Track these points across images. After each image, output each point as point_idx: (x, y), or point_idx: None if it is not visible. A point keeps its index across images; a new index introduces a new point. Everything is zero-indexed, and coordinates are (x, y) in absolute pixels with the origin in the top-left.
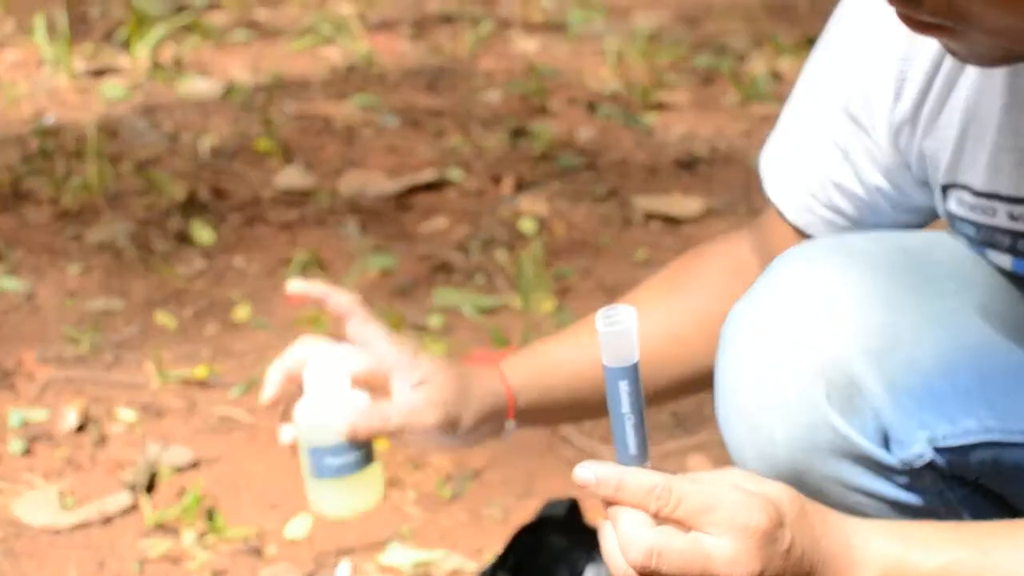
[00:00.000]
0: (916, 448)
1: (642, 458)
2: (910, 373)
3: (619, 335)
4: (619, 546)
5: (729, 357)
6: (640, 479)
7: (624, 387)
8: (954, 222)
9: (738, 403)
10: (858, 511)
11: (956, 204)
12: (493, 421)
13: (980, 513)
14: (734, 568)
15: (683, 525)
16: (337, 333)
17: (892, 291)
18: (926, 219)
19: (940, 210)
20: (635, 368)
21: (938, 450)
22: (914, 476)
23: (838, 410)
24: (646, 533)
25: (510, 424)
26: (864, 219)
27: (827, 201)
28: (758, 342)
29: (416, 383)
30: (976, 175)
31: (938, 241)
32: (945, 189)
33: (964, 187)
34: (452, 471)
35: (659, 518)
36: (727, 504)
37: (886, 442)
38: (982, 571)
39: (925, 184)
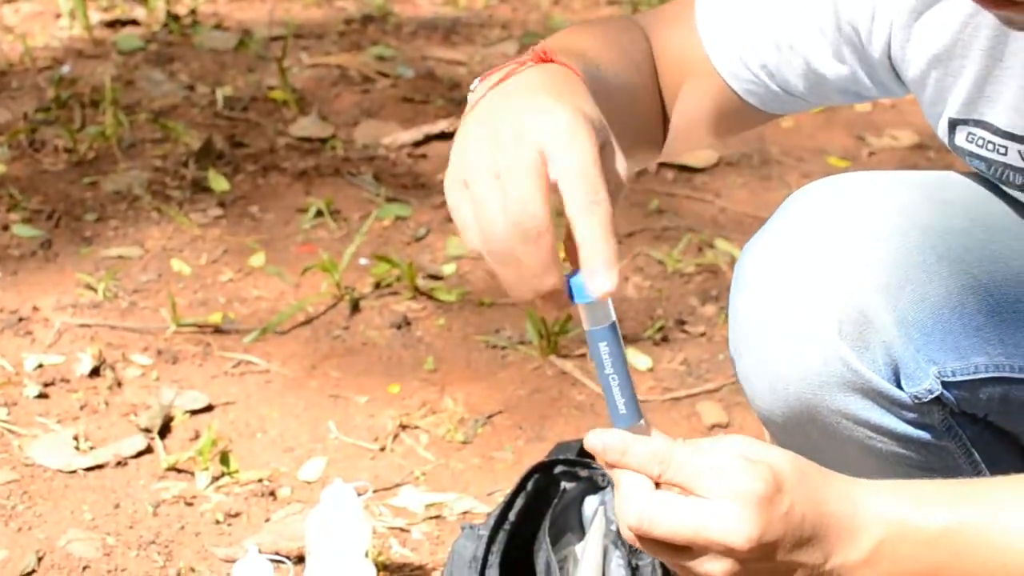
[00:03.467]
0: (926, 383)
1: (633, 416)
2: (921, 308)
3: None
4: (616, 510)
5: (742, 292)
6: (643, 446)
7: (604, 348)
8: (963, 155)
9: (751, 337)
10: (867, 447)
11: (967, 139)
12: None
13: (988, 450)
14: (729, 535)
15: (683, 490)
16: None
17: (904, 227)
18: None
19: (945, 140)
20: (614, 327)
21: (947, 385)
22: (923, 411)
23: (849, 344)
24: (640, 496)
25: None
26: (801, 90)
27: (769, 62)
28: (771, 277)
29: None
30: (999, 114)
31: (950, 179)
32: (955, 124)
33: (982, 124)
34: (464, 415)
35: (661, 484)
36: (725, 470)
37: (896, 377)
38: (988, 530)
39: (908, 90)
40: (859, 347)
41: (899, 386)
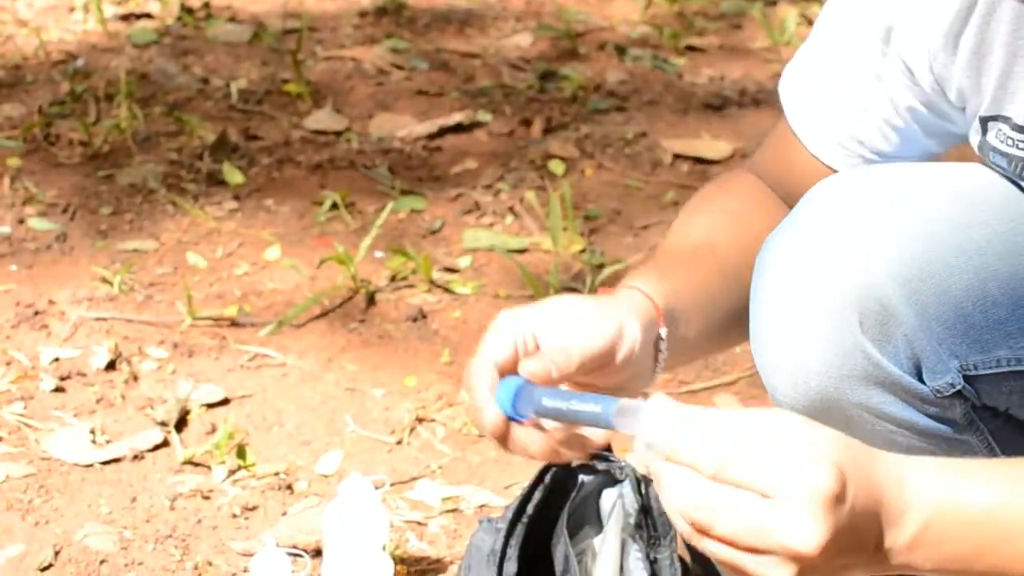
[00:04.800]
0: (948, 377)
1: (608, 402)
2: (943, 302)
3: None
4: (674, 505)
5: (764, 285)
6: (695, 430)
7: (547, 402)
8: (988, 154)
9: (772, 330)
10: (888, 440)
11: (995, 136)
12: (649, 331)
13: (1010, 444)
14: (800, 540)
15: (744, 486)
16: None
17: (926, 221)
18: (950, 145)
19: (974, 141)
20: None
21: (969, 379)
22: (944, 405)
23: (870, 338)
24: (697, 488)
25: (663, 331)
26: (890, 149)
27: (853, 131)
28: (793, 270)
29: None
30: (1018, 109)
31: (972, 172)
32: (985, 121)
33: (1006, 119)
34: None
35: (718, 476)
36: (791, 465)
37: (918, 371)
38: None
39: (963, 111)
40: (880, 341)
41: (921, 380)
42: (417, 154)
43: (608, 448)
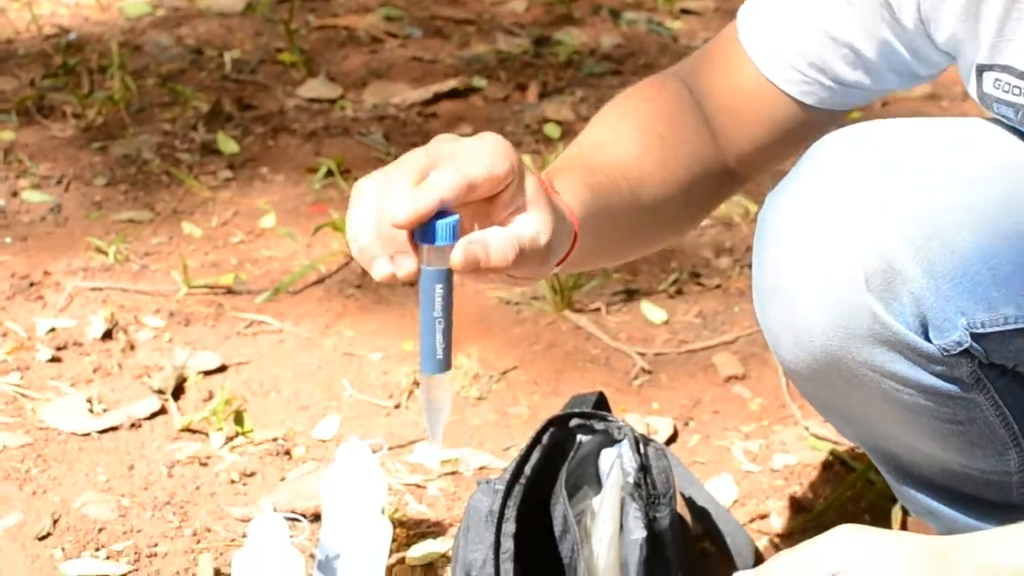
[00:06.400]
0: (954, 335)
1: (446, 364)
2: (950, 259)
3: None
4: None
5: (767, 243)
6: None
7: (439, 289)
8: (992, 105)
9: (776, 289)
10: (893, 398)
11: (993, 85)
12: (564, 247)
13: (1017, 402)
14: None
15: None
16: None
17: (932, 177)
18: (910, 86)
19: (972, 91)
20: (450, 273)
21: (976, 337)
22: (951, 364)
23: (877, 296)
24: None
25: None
26: (852, 79)
27: (815, 56)
28: (797, 228)
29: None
30: (1019, 56)
31: (977, 127)
32: (982, 70)
33: (1007, 69)
34: (479, 371)
35: None
36: None
37: (924, 329)
38: None
39: (952, 57)
40: (886, 299)
41: (927, 338)
42: (412, 120)
43: None
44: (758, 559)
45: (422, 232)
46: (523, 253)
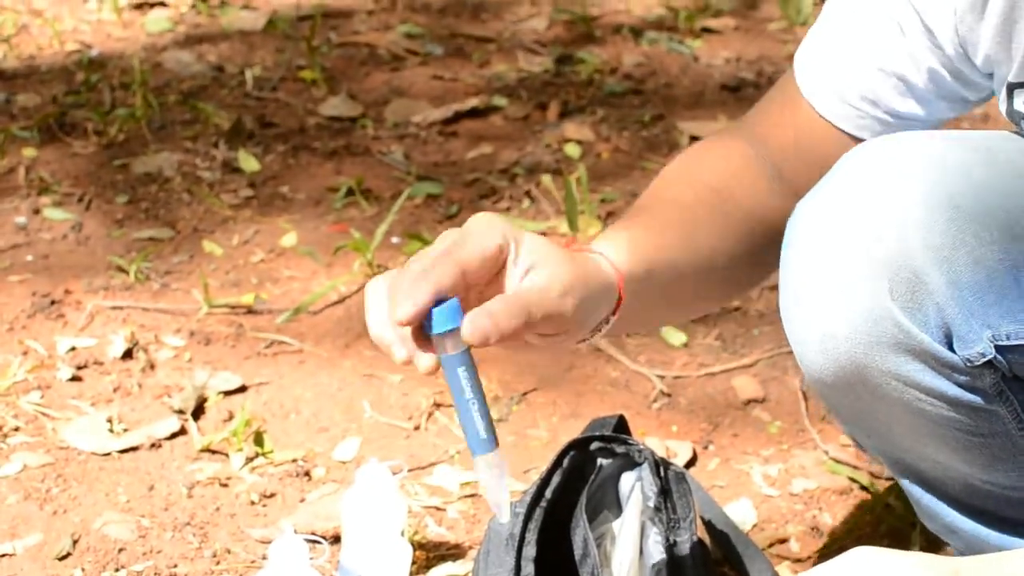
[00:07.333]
0: (978, 346)
1: (492, 442)
2: (976, 271)
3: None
4: None
5: (793, 252)
6: None
7: (463, 373)
8: (1019, 121)
9: (802, 298)
10: (916, 409)
11: (1022, 103)
12: (604, 305)
13: None
14: None
15: None
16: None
17: (957, 188)
18: (962, 111)
19: (1003, 108)
20: (468, 352)
21: (1000, 349)
22: (975, 375)
23: (901, 306)
24: None
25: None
26: (905, 110)
27: (866, 90)
28: (823, 237)
29: (527, 268)
30: None
31: (1002, 139)
32: (1013, 88)
33: None
34: (499, 393)
35: None
36: None
37: (949, 340)
38: None
39: (990, 76)
40: (911, 308)
41: (951, 349)
42: (433, 139)
43: None
44: None
45: (428, 324)
46: (533, 310)
